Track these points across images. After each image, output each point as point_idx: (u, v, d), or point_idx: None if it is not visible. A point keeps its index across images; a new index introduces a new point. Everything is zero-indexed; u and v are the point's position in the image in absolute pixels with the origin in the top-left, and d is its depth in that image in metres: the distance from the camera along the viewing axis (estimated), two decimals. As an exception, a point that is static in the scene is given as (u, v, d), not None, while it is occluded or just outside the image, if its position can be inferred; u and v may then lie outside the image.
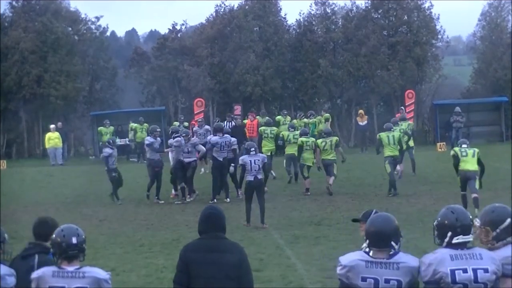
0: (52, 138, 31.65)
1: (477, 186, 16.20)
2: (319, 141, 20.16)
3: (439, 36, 40.90)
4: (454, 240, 5.32)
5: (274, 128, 23.76)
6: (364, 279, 5.21)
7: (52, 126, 32.59)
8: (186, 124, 30.52)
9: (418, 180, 21.19)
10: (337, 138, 20.69)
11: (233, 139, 19.63)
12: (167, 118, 37.60)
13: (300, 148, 20.06)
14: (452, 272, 5.18)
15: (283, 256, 12.35)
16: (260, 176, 15.68)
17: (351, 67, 39.16)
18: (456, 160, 16.41)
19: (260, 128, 24.54)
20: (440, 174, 22.45)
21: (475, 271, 5.20)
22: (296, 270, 11.26)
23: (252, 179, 15.60)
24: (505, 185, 18.92)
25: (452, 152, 16.79)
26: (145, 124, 31.06)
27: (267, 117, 29.36)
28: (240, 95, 38.94)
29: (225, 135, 19.55)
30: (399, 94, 38.23)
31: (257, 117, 28.61)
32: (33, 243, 6.39)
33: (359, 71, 39.37)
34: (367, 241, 5.37)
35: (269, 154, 22.58)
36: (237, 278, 6.06)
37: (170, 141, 19.78)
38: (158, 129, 20.33)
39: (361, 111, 33.80)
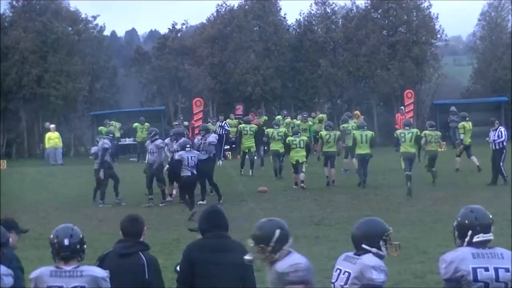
0: (52, 138, 31.63)
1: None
2: (323, 133, 21.13)
3: (438, 36, 40.98)
4: (475, 239, 5.35)
5: (253, 125, 24.80)
6: (335, 270, 5.53)
7: (52, 126, 32.57)
8: (186, 123, 30.58)
9: (418, 180, 21.18)
10: (339, 133, 21.63)
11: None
12: (167, 118, 37.61)
13: (287, 147, 20.84)
14: (474, 270, 5.21)
15: (283, 256, 12.32)
16: (195, 172, 17.04)
17: (351, 67, 39.21)
18: (397, 141, 19.13)
19: (239, 126, 25.46)
20: (440, 174, 22.44)
21: (496, 270, 5.22)
22: (296, 270, 11.25)
23: (190, 174, 16.92)
24: (505, 185, 18.91)
25: (395, 134, 19.63)
26: (146, 124, 31.08)
27: (264, 117, 29.52)
28: (240, 95, 38.95)
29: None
30: (399, 94, 38.25)
31: (255, 117, 29.01)
32: (130, 240, 6.31)
33: (359, 71, 39.42)
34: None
35: (247, 151, 24.08)
36: (241, 278, 6.07)
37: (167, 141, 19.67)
38: (111, 135, 20.52)
39: (356, 112, 33.80)
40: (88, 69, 41.93)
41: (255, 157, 27.37)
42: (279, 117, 28.56)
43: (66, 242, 5.59)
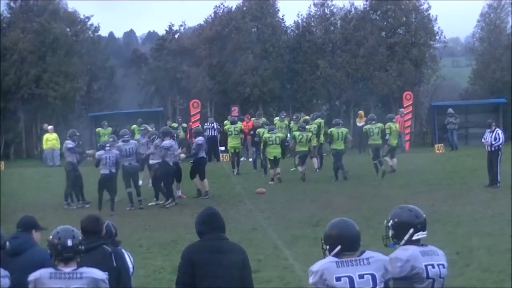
0: (50, 139, 31.54)
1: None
2: (296, 133, 22.41)
3: (437, 37, 40.97)
4: (415, 237, 5.52)
5: (238, 125, 25.48)
6: (338, 279, 5.04)
7: (49, 127, 32.50)
8: (184, 125, 30.60)
9: (416, 181, 21.20)
10: (311, 133, 22.88)
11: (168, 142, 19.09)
12: (165, 119, 37.57)
13: (265, 143, 22.30)
14: (426, 267, 5.39)
15: (281, 257, 12.32)
16: (113, 170, 18.09)
17: (350, 68, 39.21)
18: (366, 135, 22.60)
19: (225, 127, 26.08)
20: (438, 176, 22.47)
21: (439, 266, 5.45)
22: (294, 271, 11.23)
23: (107, 172, 17.94)
24: (504, 186, 18.89)
25: (364, 130, 23.14)
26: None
27: (263, 118, 29.56)
28: (238, 96, 38.94)
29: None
30: (397, 95, 38.23)
31: (252, 118, 29.14)
32: (91, 237, 6.56)
33: (357, 72, 39.43)
34: (339, 247, 5.15)
35: (233, 151, 24.78)
36: (240, 278, 6.11)
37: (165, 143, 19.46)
38: (78, 133, 20.37)
39: (360, 112, 33.81)
40: (86, 70, 41.92)
41: (250, 159, 27.49)
42: (277, 118, 28.66)
43: (69, 243, 5.57)
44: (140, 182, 20.04)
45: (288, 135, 25.53)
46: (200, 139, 20.12)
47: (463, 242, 12.75)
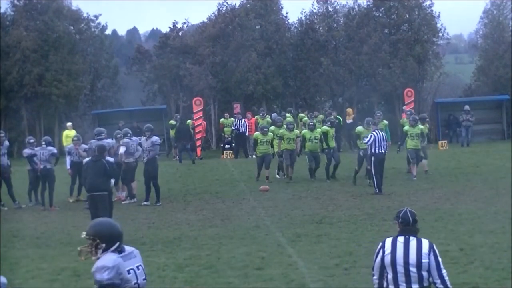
0: (70, 136, 31.32)
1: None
2: (305, 132, 22.27)
3: (440, 34, 40.95)
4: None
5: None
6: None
7: (69, 123, 32.37)
8: (189, 122, 30.68)
9: (419, 178, 21.19)
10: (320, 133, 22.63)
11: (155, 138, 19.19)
12: (169, 116, 37.63)
13: (255, 142, 22.82)
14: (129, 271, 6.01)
15: (285, 254, 12.33)
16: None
17: (353, 65, 39.19)
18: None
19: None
20: (442, 173, 22.47)
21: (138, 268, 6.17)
22: (297, 269, 11.25)
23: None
24: (506, 183, 18.90)
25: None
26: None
27: (268, 116, 29.55)
28: (241, 94, 38.94)
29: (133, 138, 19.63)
30: (401, 92, 38.20)
31: (257, 116, 29.13)
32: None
33: (360, 69, 39.40)
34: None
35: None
36: None
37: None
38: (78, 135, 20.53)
39: (348, 109, 33.74)
40: (90, 68, 41.96)
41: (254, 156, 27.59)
42: (289, 115, 28.98)
43: None
44: None
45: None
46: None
47: (466, 239, 12.76)
